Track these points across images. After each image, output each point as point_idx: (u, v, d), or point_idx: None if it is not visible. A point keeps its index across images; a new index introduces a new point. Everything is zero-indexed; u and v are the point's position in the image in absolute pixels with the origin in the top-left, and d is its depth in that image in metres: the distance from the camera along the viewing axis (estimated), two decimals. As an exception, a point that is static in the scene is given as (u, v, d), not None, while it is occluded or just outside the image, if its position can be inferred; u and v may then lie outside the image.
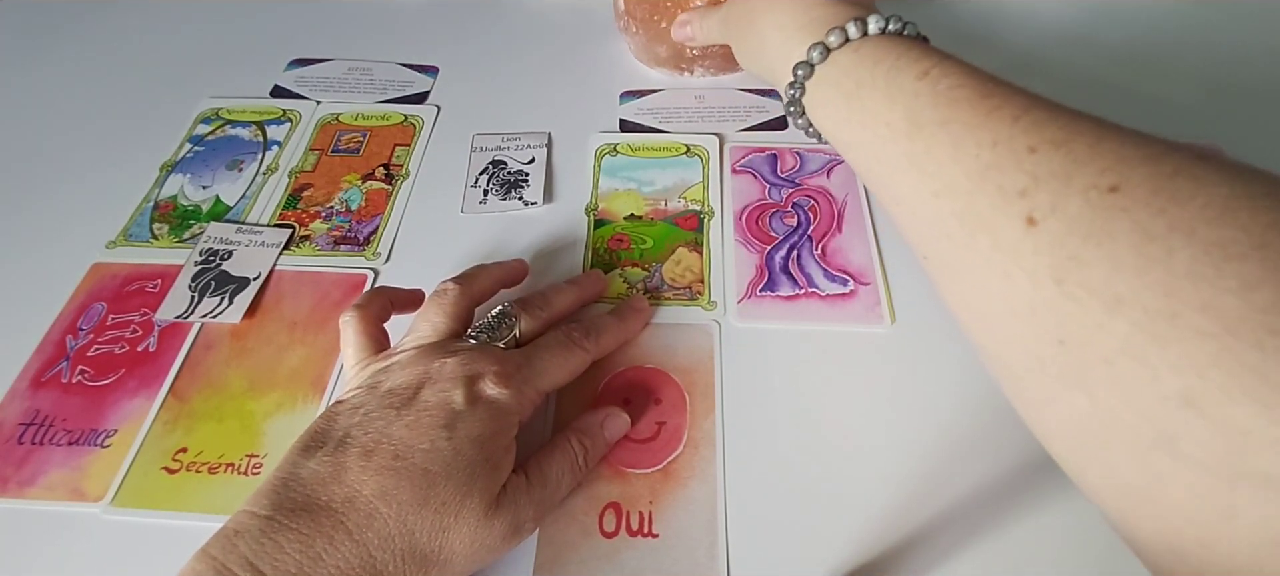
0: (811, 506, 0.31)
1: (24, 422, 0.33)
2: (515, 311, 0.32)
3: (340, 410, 0.28)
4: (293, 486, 0.25)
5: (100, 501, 0.31)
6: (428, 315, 0.32)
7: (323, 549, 0.24)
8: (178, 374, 0.35)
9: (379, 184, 0.44)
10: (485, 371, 0.29)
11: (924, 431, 0.33)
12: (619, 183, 0.44)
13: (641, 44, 0.51)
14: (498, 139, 0.47)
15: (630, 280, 0.39)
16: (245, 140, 0.47)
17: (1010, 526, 0.30)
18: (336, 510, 0.25)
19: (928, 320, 0.37)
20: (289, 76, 0.51)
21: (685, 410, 0.34)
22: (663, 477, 0.32)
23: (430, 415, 0.27)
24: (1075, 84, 0.51)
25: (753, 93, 0.50)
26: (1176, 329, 0.17)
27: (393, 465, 0.26)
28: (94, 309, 0.38)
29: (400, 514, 0.25)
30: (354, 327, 0.32)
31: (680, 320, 0.37)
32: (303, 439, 0.27)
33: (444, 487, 0.26)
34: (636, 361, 0.35)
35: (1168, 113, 0.48)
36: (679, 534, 0.30)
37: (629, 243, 0.41)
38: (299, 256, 0.40)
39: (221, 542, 0.24)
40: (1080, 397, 0.19)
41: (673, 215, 0.42)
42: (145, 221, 0.42)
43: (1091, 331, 0.19)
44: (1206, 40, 0.53)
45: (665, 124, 0.48)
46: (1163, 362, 0.17)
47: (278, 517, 0.24)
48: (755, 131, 0.47)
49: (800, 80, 0.31)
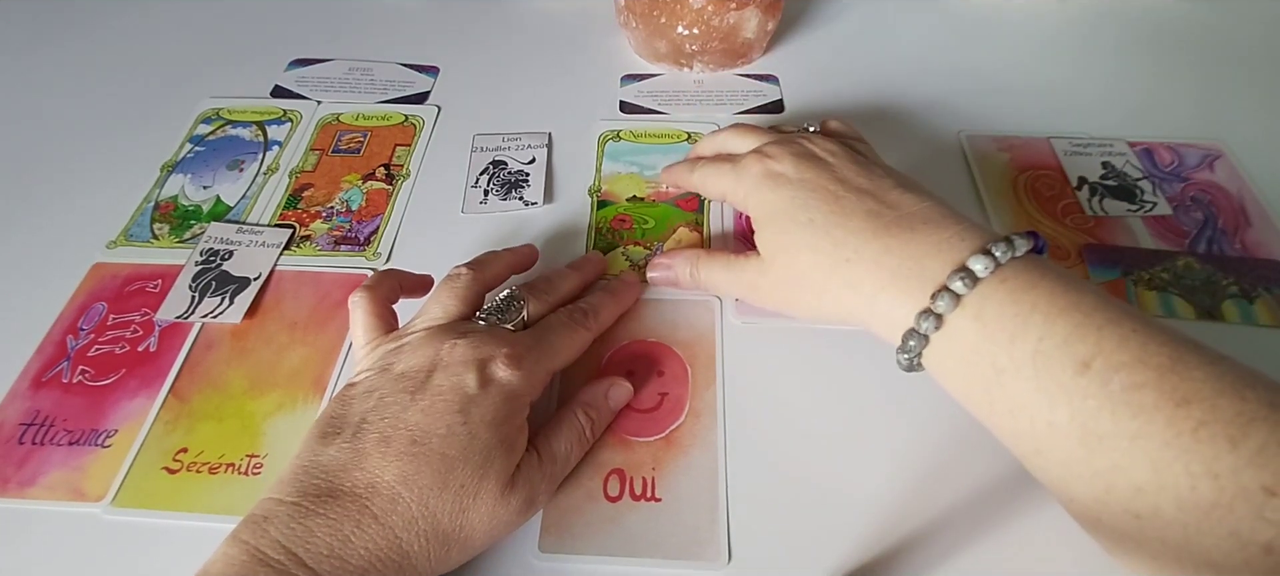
0: (810, 471, 0.31)
1: (25, 422, 0.33)
2: (522, 295, 0.33)
3: (354, 394, 0.28)
4: (314, 473, 0.26)
5: (101, 501, 0.31)
6: (439, 297, 0.32)
7: (351, 531, 0.24)
8: (178, 374, 0.35)
9: (379, 184, 0.44)
10: (496, 354, 0.29)
11: (922, 428, 0.32)
12: (621, 166, 0.45)
13: (641, 39, 0.51)
14: (498, 139, 0.47)
15: (632, 258, 0.40)
16: (246, 140, 0.47)
17: (1010, 526, 0.30)
18: (360, 495, 0.25)
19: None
20: (289, 76, 0.51)
21: (687, 381, 0.34)
22: (665, 445, 0.32)
23: (444, 399, 0.27)
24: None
25: (751, 77, 0.51)
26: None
27: (411, 450, 0.26)
28: (95, 309, 0.38)
29: (422, 497, 0.26)
30: (364, 308, 0.32)
31: (682, 295, 0.38)
32: (319, 425, 0.28)
33: (462, 470, 0.26)
34: (640, 335, 0.36)
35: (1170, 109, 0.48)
36: (681, 498, 0.31)
37: (631, 223, 0.41)
38: (299, 256, 0.40)
39: (251, 528, 0.24)
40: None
41: (674, 197, 0.43)
42: (146, 221, 0.42)
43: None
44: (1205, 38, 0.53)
45: (665, 106, 0.49)
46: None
47: (304, 503, 0.25)
48: (754, 114, 0.48)
49: (914, 352, 0.27)
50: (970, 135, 0.46)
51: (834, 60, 0.53)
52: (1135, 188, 0.43)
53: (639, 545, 0.29)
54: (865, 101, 0.49)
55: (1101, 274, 0.38)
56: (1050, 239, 0.40)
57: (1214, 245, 0.40)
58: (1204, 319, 0.36)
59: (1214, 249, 0.39)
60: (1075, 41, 0.54)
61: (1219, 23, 0.55)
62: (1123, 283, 0.38)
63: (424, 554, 0.25)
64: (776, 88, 0.50)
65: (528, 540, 0.29)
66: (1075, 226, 0.41)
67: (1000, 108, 0.48)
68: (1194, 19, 0.55)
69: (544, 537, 0.30)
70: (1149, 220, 0.41)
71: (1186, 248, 0.40)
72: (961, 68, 0.52)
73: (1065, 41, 0.54)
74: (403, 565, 0.25)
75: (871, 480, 0.31)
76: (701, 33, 0.48)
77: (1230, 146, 0.45)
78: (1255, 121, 0.47)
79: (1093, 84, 0.50)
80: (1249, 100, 0.48)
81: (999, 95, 0.49)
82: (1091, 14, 0.56)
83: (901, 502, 0.30)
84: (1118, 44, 0.53)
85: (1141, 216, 0.41)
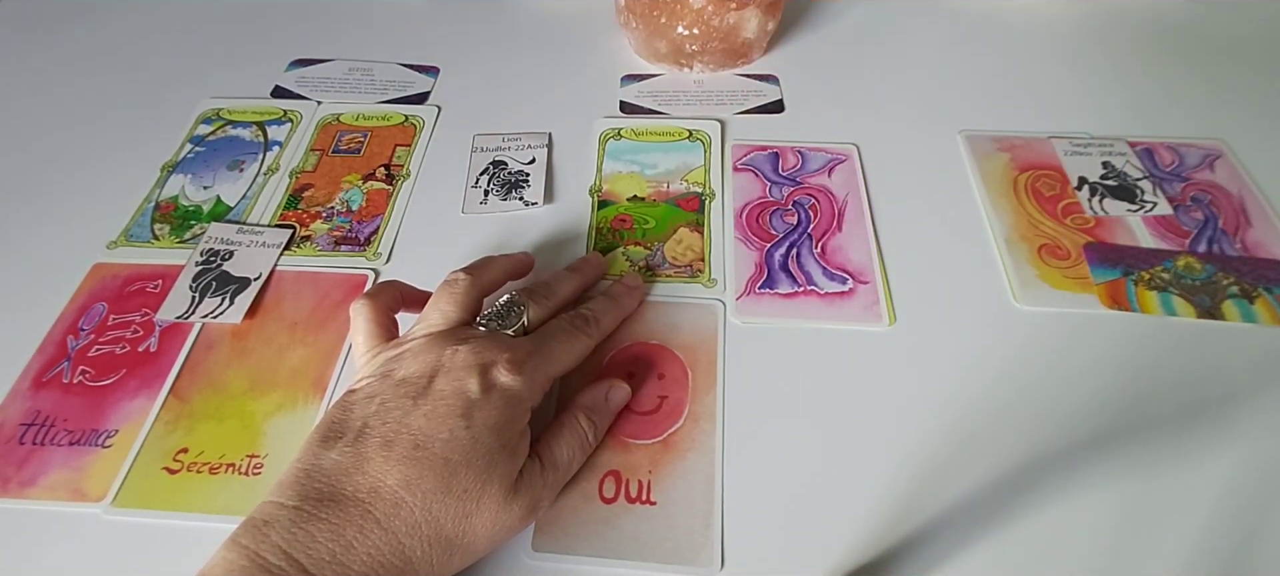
0: (807, 479, 0.31)
1: (25, 423, 0.33)
2: (522, 300, 0.33)
3: (355, 399, 0.28)
4: (316, 477, 0.26)
5: (101, 501, 0.31)
6: (438, 304, 0.32)
7: (354, 537, 0.24)
8: (178, 374, 0.35)
9: (380, 184, 0.44)
10: (497, 359, 0.29)
11: (921, 430, 0.32)
12: (622, 165, 0.45)
13: (641, 39, 0.51)
14: (498, 139, 0.47)
15: (632, 258, 0.40)
16: (246, 140, 0.47)
17: (1009, 526, 0.30)
18: (363, 500, 0.25)
19: (927, 320, 0.37)
20: (290, 77, 0.51)
21: (687, 385, 0.34)
22: (663, 448, 0.32)
23: (447, 404, 0.27)
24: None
25: (751, 77, 0.51)
26: None
27: (414, 455, 0.26)
28: (95, 309, 0.38)
29: (425, 502, 0.25)
30: (365, 316, 0.32)
31: (682, 297, 0.38)
32: (320, 429, 0.27)
33: (465, 475, 0.26)
34: (640, 337, 0.36)
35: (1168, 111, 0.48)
36: (676, 502, 0.31)
37: (632, 223, 0.42)
38: (300, 257, 0.40)
39: (251, 532, 0.24)
40: None
41: (675, 197, 0.43)
42: (146, 222, 0.42)
43: None
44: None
45: (665, 106, 0.49)
46: None
47: (305, 507, 0.25)
48: (754, 114, 0.48)
49: None
50: (970, 135, 0.46)
51: (834, 60, 0.53)
52: (1136, 187, 0.43)
53: (632, 548, 0.29)
54: (865, 101, 0.49)
55: (1102, 273, 0.38)
56: (1051, 238, 0.40)
57: (1214, 245, 0.40)
58: (1204, 318, 0.36)
59: (1214, 248, 0.39)
60: (1075, 41, 0.54)
61: (1219, 23, 0.55)
62: (1123, 282, 0.38)
63: (427, 559, 0.25)
64: (776, 88, 0.50)
65: (521, 539, 0.29)
66: (1076, 226, 0.41)
67: (1000, 108, 0.48)
68: (1194, 19, 0.55)
69: (538, 537, 0.30)
70: (1149, 220, 0.41)
71: (1187, 247, 0.40)
72: (961, 68, 0.52)
73: (1065, 41, 0.54)
74: (405, 570, 0.25)
75: (869, 484, 0.31)
76: (701, 33, 0.48)
77: (1230, 146, 0.45)
78: (1255, 121, 0.47)
79: (1093, 84, 0.50)
80: (1249, 100, 0.48)
81: (999, 95, 0.49)
82: (1092, 14, 0.56)
83: (901, 504, 0.30)
84: (1118, 44, 0.53)
85: (1142, 216, 0.41)
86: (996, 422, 0.33)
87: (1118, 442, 0.32)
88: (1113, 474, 0.31)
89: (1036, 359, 0.35)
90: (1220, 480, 0.31)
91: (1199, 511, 0.30)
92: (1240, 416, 0.33)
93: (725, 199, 0.43)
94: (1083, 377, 0.34)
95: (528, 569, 0.29)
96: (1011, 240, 0.40)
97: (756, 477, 0.31)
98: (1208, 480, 0.31)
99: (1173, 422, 0.33)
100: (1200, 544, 0.29)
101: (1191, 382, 0.34)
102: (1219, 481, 0.31)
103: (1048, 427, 0.32)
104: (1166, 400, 0.33)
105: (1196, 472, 0.31)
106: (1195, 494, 0.30)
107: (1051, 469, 0.31)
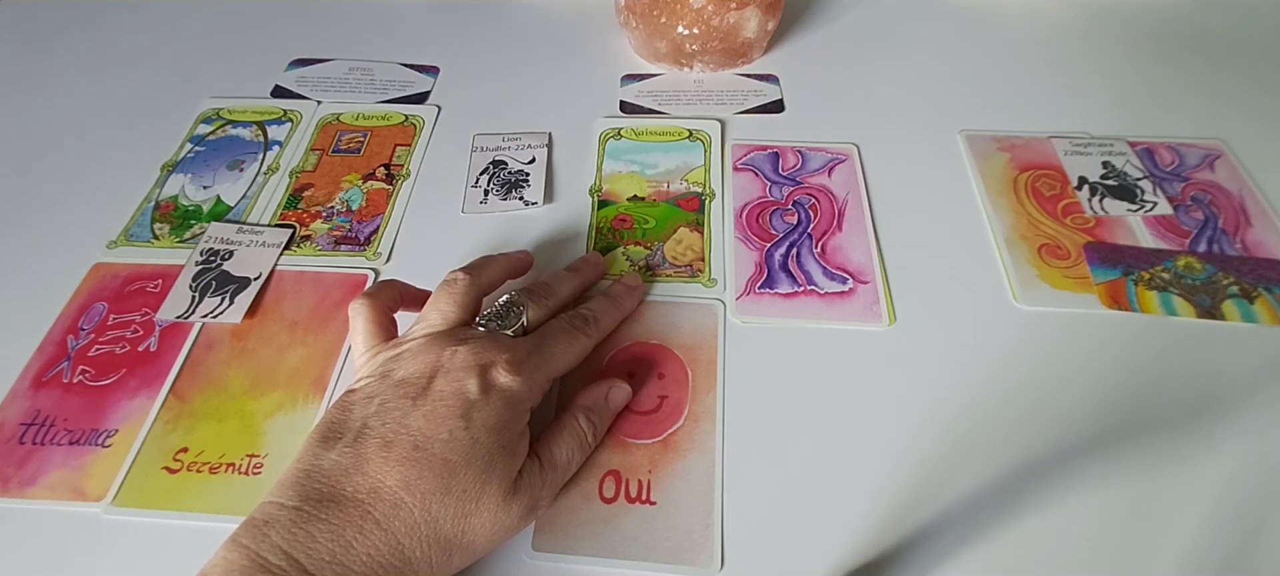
0: (807, 479, 0.31)
1: (25, 422, 0.33)
2: (522, 300, 0.33)
3: (354, 400, 0.28)
4: (315, 477, 0.26)
5: (101, 501, 0.31)
6: (437, 304, 0.32)
7: (353, 537, 0.24)
8: (178, 374, 0.35)
9: (380, 184, 0.44)
10: (497, 360, 0.29)
11: (921, 430, 0.32)
12: (622, 165, 0.45)
13: (641, 39, 0.51)
14: (498, 139, 0.47)
15: (632, 258, 0.40)
16: (246, 140, 0.47)
17: (1008, 526, 0.30)
18: (362, 500, 0.25)
19: (927, 320, 0.37)
20: (290, 76, 0.52)
21: (687, 385, 0.34)
22: (662, 448, 0.32)
23: (446, 405, 0.27)
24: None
25: (751, 77, 0.51)
26: None
27: (413, 455, 0.26)
28: (95, 309, 0.38)
29: (424, 503, 0.25)
30: (364, 316, 0.32)
31: (682, 297, 0.38)
32: (319, 429, 0.27)
33: (464, 476, 0.26)
34: (641, 337, 0.36)
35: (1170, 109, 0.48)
36: (676, 502, 0.31)
37: (632, 222, 0.42)
38: (300, 256, 0.40)
39: (251, 532, 0.24)
40: None
41: (675, 197, 0.43)
42: (146, 221, 0.42)
43: None
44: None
45: (665, 106, 0.49)
46: None
47: (305, 508, 0.25)
48: (754, 114, 0.48)
49: None
50: (970, 135, 0.46)
51: (834, 60, 0.53)
52: (1136, 187, 0.43)
53: (632, 547, 0.29)
54: (865, 101, 0.49)
55: (1102, 273, 0.38)
56: (1051, 238, 0.40)
57: (1214, 244, 0.40)
58: (1204, 318, 0.36)
59: (1214, 248, 0.39)
60: (1075, 41, 0.54)
61: (1219, 23, 0.55)
62: (1123, 282, 0.38)
63: (426, 560, 0.25)
64: (776, 88, 0.50)
65: (521, 539, 0.29)
66: (1076, 226, 0.41)
67: (1000, 108, 0.48)
68: (1194, 19, 0.55)
69: (537, 537, 0.30)
70: (1149, 220, 0.41)
71: (1187, 247, 0.40)
72: (961, 68, 0.52)
73: (1065, 41, 0.54)
74: (404, 571, 0.25)
75: (869, 484, 0.31)
76: (701, 32, 0.48)
77: (1231, 146, 0.45)
78: (1255, 121, 0.47)
79: (1093, 84, 0.50)
80: (1249, 100, 0.48)
81: (999, 95, 0.49)
82: (1092, 13, 0.56)
83: (901, 503, 0.30)
84: (1118, 43, 0.53)
85: (1142, 216, 0.41)
86: (996, 422, 0.33)
87: (1118, 442, 0.32)
88: (1113, 473, 0.31)
89: (1036, 359, 0.35)
90: (1220, 480, 0.31)
91: (1199, 511, 0.30)
92: (1240, 416, 0.33)
93: (725, 199, 0.43)
94: (1083, 377, 0.34)
95: (527, 569, 0.29)
96: (1011, 240, 0.40)
97: (756, 477, 0.31)
98: (1208, 480, 0.31)
99: (1173, 422, 0.33)
100: (1200, 544, 0.29)
101: (1191, 382, 0.34)
102: (1219, 481, 0.31)
103: (1048, 427, 0.32)
104: (1166, 400, 0.33)
105: (1197, 472, 0.31)
106: (1195, 494, 0.30)
107: (1052, 469, 0.31)
